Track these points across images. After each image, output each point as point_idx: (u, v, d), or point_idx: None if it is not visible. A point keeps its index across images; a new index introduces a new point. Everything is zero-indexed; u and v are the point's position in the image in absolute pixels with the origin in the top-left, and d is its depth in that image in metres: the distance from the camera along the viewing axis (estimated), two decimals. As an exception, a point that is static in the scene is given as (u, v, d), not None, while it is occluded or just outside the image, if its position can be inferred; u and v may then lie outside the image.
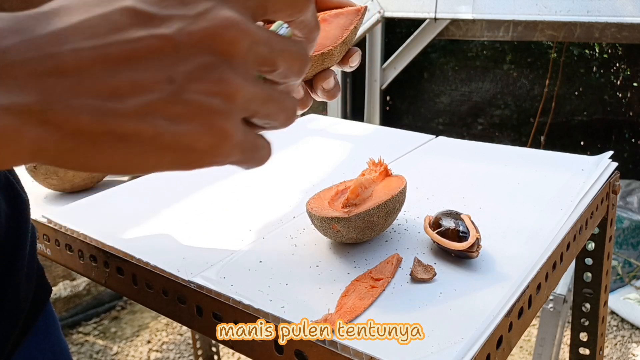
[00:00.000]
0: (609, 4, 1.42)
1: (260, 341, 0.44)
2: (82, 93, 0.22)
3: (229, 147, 0.27)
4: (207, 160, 0.27)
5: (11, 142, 0.22)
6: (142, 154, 0.24)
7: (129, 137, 0.24)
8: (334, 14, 0.51)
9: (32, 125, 0.22)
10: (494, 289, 0.45)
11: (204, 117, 0.25)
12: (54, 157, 0.23)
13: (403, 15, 1.79)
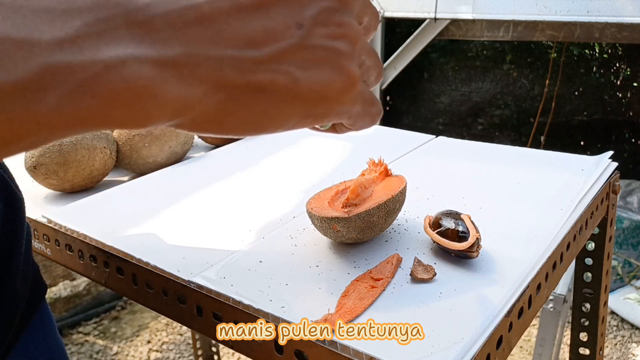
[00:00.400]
0: (609, 4, 1.42)
1: (260, 341, 0.44)
2: (221, 44, 0.23)
3: (356, 91, 0.27)
4: (336, 109, 0.27)
5: (158, 94, 0.22)
6: (278, 105, 0.25)
7: (266, 87, 0.24)
8: None
9: (178, 79, 0.22)
10: (494, 289, 0.45)
11: (332, 60, 0.26)
12: (196, 116, 0.24)
13: (403, 15, 1.79)
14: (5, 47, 0.19)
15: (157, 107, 0.22)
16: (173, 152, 0.74)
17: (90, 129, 0.22)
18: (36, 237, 0.63)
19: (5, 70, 0.19)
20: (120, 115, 0.22)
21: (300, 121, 0.27)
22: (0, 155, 0.21)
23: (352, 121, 0.30)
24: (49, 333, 0.53)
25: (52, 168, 0.65)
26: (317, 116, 0.27)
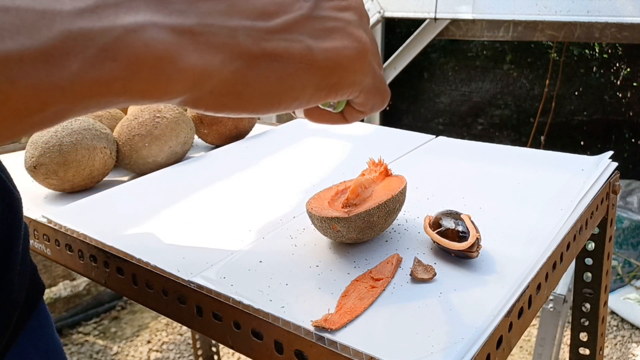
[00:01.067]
0: (609, 4, 1.42)
1: (260, 341, 0.44)
2: (235, 15, 0.24)
3: (368, 60, 0.28)
4: (349, 78, 0.28)
5: (177, 59, 0.23)
6: (293, 74, 0.26)
7: (282, 55, 0.25)
8: None
9: (195, 46, 0.23)
10: (494, 289, 0.45)
11: (341, 29, 0.27)
12: (214, 87, 0.24)
13: (403, 15, 1.79)
14: (29, 17, 0.20)
15: (176, 73, 0.23)
16: (173, 152, 0.74)
17: (112, 100, 0.23)
18: (36, 237, 0.63)
19: (29, 38, 0.20)
20: (141, 82, 0.22)
21: (315, 93, 0.27)
22: (23, 127, 0.21)
23: (364, 97, 0.31)
24: (46, 333, 0.53)
25: (52, 168, 0.65)
26: (331, 87, 0.28)
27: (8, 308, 0.47)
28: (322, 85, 0.27)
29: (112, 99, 0.23)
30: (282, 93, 0.26)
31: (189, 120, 0.77)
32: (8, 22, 0.20)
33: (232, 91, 0.25)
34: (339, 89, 0.28)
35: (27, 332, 0.50)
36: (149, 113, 0.73)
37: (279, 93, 0.26)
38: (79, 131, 0.66)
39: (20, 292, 0.48)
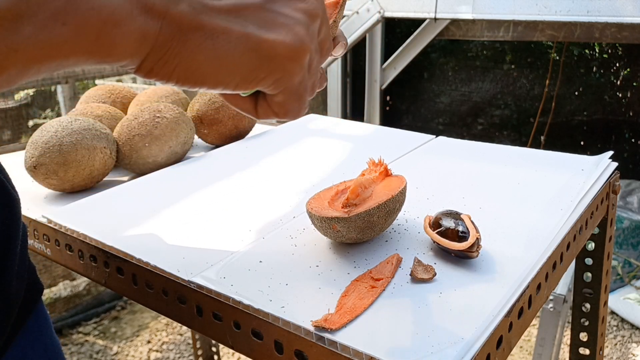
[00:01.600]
0: (609, 4, 1.42)
1: (260, 341, 0.44)
2: None
3: (303, 62, 0.29)
4: (277, 75, 0.28)
5: (121, 22, 0.24)
6: (226, 53, 0.26)
7: (219, 34, 0.26)
8: None
9: (140, 10, 0.24)
10: (494, 289, 0.45)
11: (288, 26, 0.27)
12: (150, 53, 0.25)
13: (403, 15, 1.79)
14: None
15: (120, 36, 0.24)
16: (173, 152, 0.74)
17: (62, 62, 0.24)
18: (36, 237, 0.64)
19: None
20: (88, 43, 0.24)
21: (241, 82, 0.28)
22: None
23: (283, 98, 0.31)
24: (45, 333, 0.53)
25: (52, 168, 0.65)
26: (259, 80, 0.28)
27: (6, 308, 0.46)
28: (250, 75, 0.28)
29: (61, 61, 0.24)
30: (209, 73, 0.27)
31: (189, 120, 0.77)
32: None
33: (163, 58, 0.26)
34: (264, 80, 0.29)
35: (25, 333, 0.50)
36: (149, 113, 0.73)
37: (206, 71, 0.27)
38: (79, 131, 0.66)
39: (18, 293, 0.48)
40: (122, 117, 0.78)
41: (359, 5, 1.84)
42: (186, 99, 0.90)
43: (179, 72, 0.27)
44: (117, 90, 0.90)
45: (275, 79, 0.29)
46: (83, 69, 1.83)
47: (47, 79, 1.77)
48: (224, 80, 0.27)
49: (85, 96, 0.89)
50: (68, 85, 1.83)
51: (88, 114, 0.78)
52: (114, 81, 2.54)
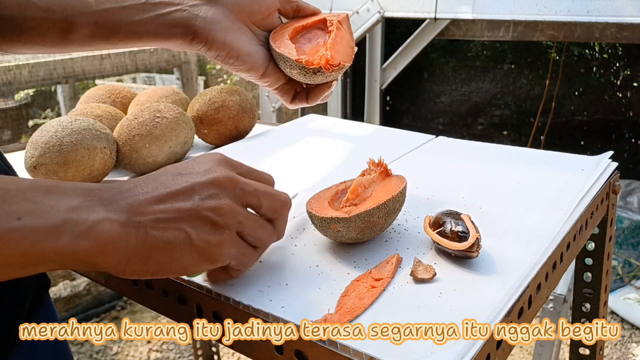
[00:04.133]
0: (609, 4, 1.42)
1: (260, 341, 0.44)
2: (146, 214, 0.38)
3: (230, 242, 0.42)
4: (218, 254, 0.41)
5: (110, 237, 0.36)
6: (178, 254, 0.39)
7: (172, 240, 0.39)
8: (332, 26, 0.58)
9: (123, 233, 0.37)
10: (494, 289, 0.45)
11: (213, 224, 0.40)
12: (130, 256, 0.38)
13: (403, 15, 1.79)
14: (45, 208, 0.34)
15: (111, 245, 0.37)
16: (173, 152, 0.74)
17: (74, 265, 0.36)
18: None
19: (40, 218, 0.34)
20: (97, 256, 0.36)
21: (197, 264, 0.40)
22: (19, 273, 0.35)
23: (235, 263, 0.43)
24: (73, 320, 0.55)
25: (52, 168, 0.65)
26: (208, 260, 0.41)
27: (18, 301, 0.48)
28: (201, 260, 0.40)
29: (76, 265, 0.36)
30: (172, 265, 0.39)
31: (189, 120, 0.77)
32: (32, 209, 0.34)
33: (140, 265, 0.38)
34: (215, 261, 0.41)
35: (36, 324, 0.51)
36: (149, 113, 0.73)
37: (170, 264, 0.39)
38: (79, 131, 0.66)
39: (30, 285, 0.50)
40: (122, 117, 0.78)
41: (359, 5, 1.83)
42: (186, 99, 0.90)
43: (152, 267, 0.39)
44: (117, 90, 0.90)
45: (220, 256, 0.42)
46: (83, 69, 1.83)
47: (47, 79, 1.77)
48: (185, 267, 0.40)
49: (85, 96, 0.89)
50: (68, 85, 1.83)
51: (88, 114, 0.78)
52: (114, 81, 2.54)
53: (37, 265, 0.34)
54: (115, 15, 0.50)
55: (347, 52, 0.56)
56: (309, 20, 0.59)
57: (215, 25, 0.53)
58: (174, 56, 2.04)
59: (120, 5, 0.50)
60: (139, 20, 0.51)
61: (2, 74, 1.68)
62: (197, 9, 0.53)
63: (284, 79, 0.58)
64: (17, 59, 1.70)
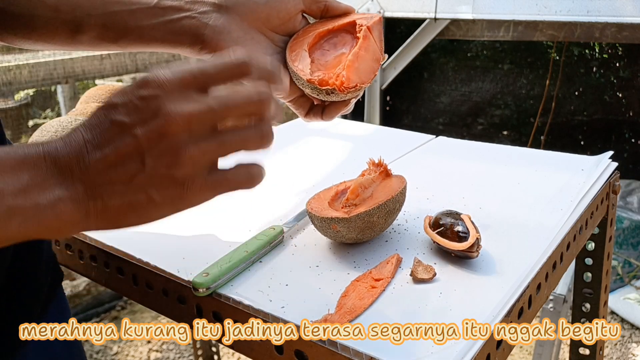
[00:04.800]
0: (609, 4, 1.42)
1: (260, 341, 0.44)
2: (101, 184, 0.35)
3: (195, 189, 0.37)
4: (189, 203, 0.38)
5: (68, 217, 0.34)
6: (147, 213, 0.36)
7: (135, 204, 0.35)
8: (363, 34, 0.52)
9: (83, 209, 0.35)
10: (494, 289, 0.45)
11: (171, 178, 0.36)
12: (94, 225, 0.36)
13: (403, 15, 1.79)
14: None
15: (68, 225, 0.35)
16: (173, 152, 0.74)
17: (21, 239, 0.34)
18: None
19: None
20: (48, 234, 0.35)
21: (170, 214, 0.37)
22: None
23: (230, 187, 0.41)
24: (65, 315, 0.56)
25: (52, 168, 0.65)
26: (181, 209, 0.38)
27: (36, 291, 0.50)
28: (171, 209, 0.37)
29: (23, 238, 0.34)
30: (144, 222, 0.37)
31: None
32: None
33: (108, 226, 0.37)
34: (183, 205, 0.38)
35: (49, 316, 0.53)
36: (149, 113, 0.73)
37: (141, 222, 0.37)
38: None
39: (46, 277, 0.52)
40: (122, 117, 0.78)
41: (359, 5, 1.83)
42: (186, 99, 0.90)
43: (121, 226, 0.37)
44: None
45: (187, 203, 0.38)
46: (83, 69, 1.83)
47: (47, 79, 1.77)
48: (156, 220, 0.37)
49: (85, 96, 0.89)
50: (68, 85, 1.83)
51: (88, 114, 0.78)
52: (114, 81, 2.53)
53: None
54: (123, 18, 0.49)
55: (368, 68, 0.50)
56: (337, 22, 0.53)
57: (225, 36, 0.50)
58: (174, 56, 2.04)
59: (129, 9, 0.49)
60: (147, 26, 0.49)
61: (2, 74, 1.68)
62: (207, 16, 0.50)
63: (299, 91, 0.53)
64: (17, 59, 1.70)
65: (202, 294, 0.46)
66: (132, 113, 0.35)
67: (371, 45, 0.51)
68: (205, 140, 0.37)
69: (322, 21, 0.54)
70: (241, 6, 0.50)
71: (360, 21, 0.52)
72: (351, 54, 0.50)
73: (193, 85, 0.36)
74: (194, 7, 0.50)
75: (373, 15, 0.53)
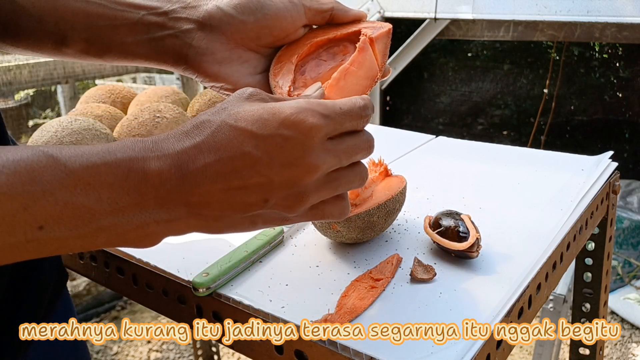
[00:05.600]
0: (609, 4, 1.42)
1: (260, 341, 0.44)
2: (210, 208, 0.34)
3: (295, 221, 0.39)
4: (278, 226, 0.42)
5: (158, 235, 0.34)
6: (239, 230, 0.37)
7: (236, 225, 0.36)
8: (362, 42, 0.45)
9: (177, 226, 0.34)
10: (494, 289, 0.45)
11: (283, 217, 0.37)
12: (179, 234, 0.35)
13: (403, 15, 1.79)
14: (79, 213, 0.30)
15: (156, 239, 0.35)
16: (173, 152, 0.74)
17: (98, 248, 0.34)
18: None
19: (75, 229, 0.31)
20: (131, 244, 0.34)
21: None
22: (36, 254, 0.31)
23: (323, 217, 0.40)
24: (70, 315, 0.56)
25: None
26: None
27: (41, 291, 0.50)
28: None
29: None
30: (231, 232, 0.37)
31: (189, 120, 0.77)
32: (59, 215, 0.30)
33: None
34: None
35: (54, 316, 0.53)
36: (149, 113, 0.73)
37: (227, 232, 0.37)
38: (79, 131, 0.66)
39: (50, 277, 0.51)
40: (122, 117, 0.78)
41: (359, 5, 1.83)
42: (186, 99, 0.90)
43: None
44: (117, 90, 0.90)
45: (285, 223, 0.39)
46: (83, 69, 1.83)
47: (47, 79, 1.77)
48: None
49: (85, 96, 0.89)
50: (68, 85, 1.83)
51: (88, 114, 0.78)
52: (114, 81, 2.53)
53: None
54: (106, 34, 0.47)
55: (358, 87, 0.44)
56: (340, 31, 0.48)
57: (208, 57, 0.47)
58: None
59: (112, 24, 0.47)
60: (131, 43, 0.47)
61: (2, 74, 1.68)
62: (190, 36, 0.47)
63: None
64: (17, 59, 1.70)
65: (202, 294, 0.46)
66: (272, 152, 0.34)
67: (367, 59, 0.45)
68: (324, 186, 0.37)
69: (325, 28, 0.49)
70: (226, 25, 0.47)
71: (366, 30, 0.47)
72: (338, 71, 0.44)
73: (331, 135, 0.36)
74: (177, 25, 0.47)
75: (383, 25, 0.47)
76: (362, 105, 0.38)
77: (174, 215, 0.33)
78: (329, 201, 0.39)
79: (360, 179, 0.39)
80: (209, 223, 0.35)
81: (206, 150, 0.34)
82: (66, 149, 0.32)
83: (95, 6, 0.47)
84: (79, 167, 0.31)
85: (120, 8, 0.47)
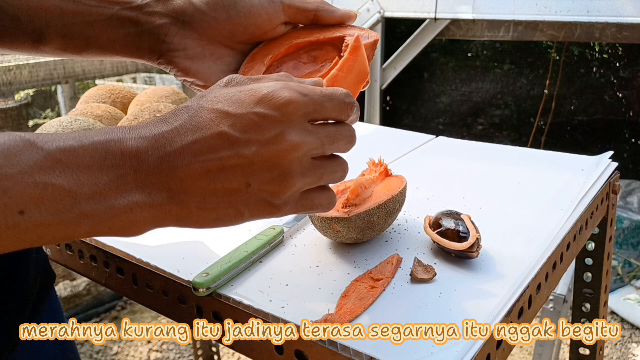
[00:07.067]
0: (609, 4, 1.42)
1: (260, 341, 0.44)
2: (192, 193, 0.33)
3: (284, 212, 0.37)
4: (270, 217, 0.37)
5: (142, 221, 0.33)
6: (229, 223, 0.36)
7: (222, 216, 0.35)
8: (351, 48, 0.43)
9: (161, 214, 0.33)
10: (494, 289, 0.45)
11: (269, 203, 0.35)
12: (168, 225, 0.35)
13: (403, 15, 1.79)
14: (59, 196, 0.30)
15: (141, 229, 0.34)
16: (173, 152, 0.74)
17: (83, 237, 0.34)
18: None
19: (57, 214, 0.30)
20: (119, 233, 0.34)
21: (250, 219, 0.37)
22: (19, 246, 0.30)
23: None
24: (57, 320, 0.55)
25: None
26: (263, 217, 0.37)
27: (25, 293, 0.48)
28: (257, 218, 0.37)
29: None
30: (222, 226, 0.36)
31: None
32: (39, 197, 0.29)
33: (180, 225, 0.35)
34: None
35: (41, 318, 0.52)
36: (149, 113, 0.73)
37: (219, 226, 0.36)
38: (79, 131, 0.66)
39: (35, 279, 0.50)
40: (122, 117, 0.78)
41: (359, 5, 1.83)
42: (186, 98, 0.90)
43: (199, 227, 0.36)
44: (117, 90, 0.90)
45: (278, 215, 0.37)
46: (83, 69, 1.83)
47: (47, 79, 1.77)
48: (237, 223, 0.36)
49: (85, 96, 0.89)
50: (68, 85, 1.83)
51: (88, 114, 0.78)
52: (114, 81, 2.53)
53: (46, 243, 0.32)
54: (82, 31, 0.47)
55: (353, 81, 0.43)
56: (324, 34, 0.46)
57: (180, 53, 0.47)
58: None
59: (86, 20, 0.46)
60: (107, 39, 0.47)
61: (2, 74, 1.68)
62: (163, 31, 0.47)
63: None
64: (17, 59, 1.70)
65: (202, 294, 0.46)
66: (249, 130, 0.33)
67: (347, 75, 0.43)
68: (308, 171, 0.36)
69: (310, 28, 0.47)
70: (198, 21, 0.46)
71: (350, 39, 0.44)
72: (327, 78, 0.42)
73: (311, 116, 0.36)
74: (150, 19, 0.47)
75: (370, 34, 0.45)
76: (346, 93, 0.38)
77: (156, 200, 0.33)
78: (315, 190, 0.38)
79: (342, 171, 0.40)
80: (192, 211, 0.34)
81: (183, 133, 0.33)
82: (43, 135, 0.31)
83: (69, 3, 0.46)
84: (55, 149, 0.31)
85: (94, 4, 0.46)
